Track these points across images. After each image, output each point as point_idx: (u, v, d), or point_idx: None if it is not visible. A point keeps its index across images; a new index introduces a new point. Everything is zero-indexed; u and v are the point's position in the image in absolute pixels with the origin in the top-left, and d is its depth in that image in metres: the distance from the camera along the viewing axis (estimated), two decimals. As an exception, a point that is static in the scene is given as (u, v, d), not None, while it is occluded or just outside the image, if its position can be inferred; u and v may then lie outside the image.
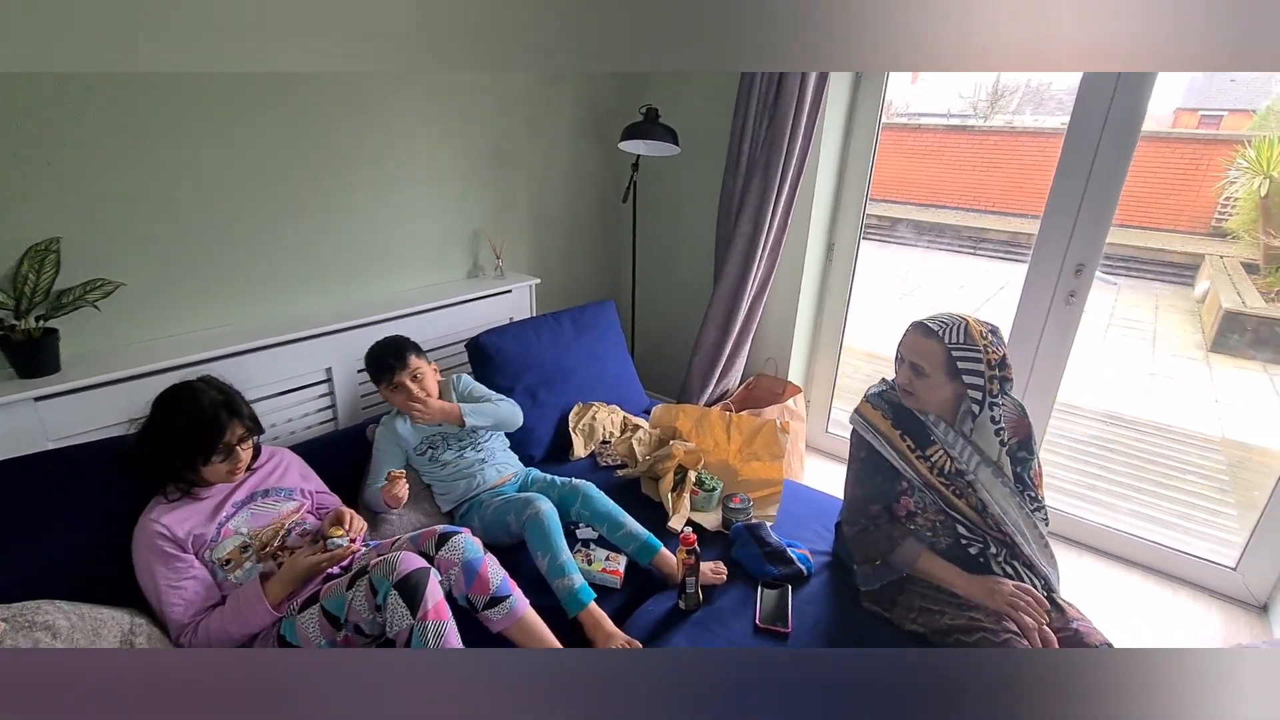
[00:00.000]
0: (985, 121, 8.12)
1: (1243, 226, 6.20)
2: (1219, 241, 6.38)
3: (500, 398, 1.85)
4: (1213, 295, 5.32)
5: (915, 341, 1.37)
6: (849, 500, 1.52)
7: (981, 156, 7.29)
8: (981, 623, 1.28)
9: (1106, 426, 3.44)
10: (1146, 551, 2.24)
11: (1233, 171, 6.37)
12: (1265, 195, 6.05)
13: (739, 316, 2.50)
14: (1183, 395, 4.08)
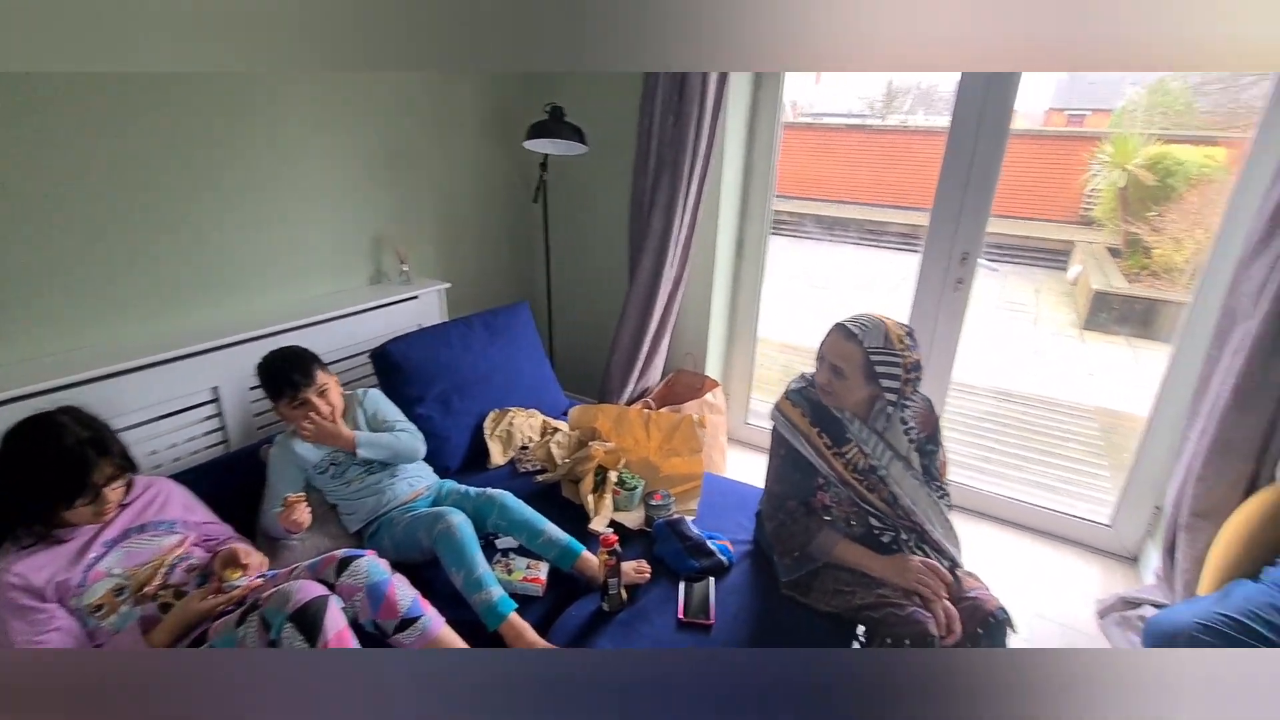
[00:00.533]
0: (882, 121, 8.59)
1: (1106, 215, 6.85)
2: (1087, 229, 7.03)
3: (404, 425, 1.75)
4: (1083, 278, 5.86)
5: (836, 344, 1.41)
6: (769, 495, 1.55)
7: (880, 154, 7.71)
8: (889, 599, 1.34)
9: (997, 402, 3.71)
10: (1035, 516, 2.43)
11: (1095, 165, 7.04)
12: (1123, 186, 6.71)
13: (655, 313, 2.51)
14: (1061, 370, 4.46)
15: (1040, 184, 7.48)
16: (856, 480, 1.45)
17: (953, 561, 1.47)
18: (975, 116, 2.09)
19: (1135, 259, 5.87)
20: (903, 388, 1.39)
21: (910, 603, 1.34)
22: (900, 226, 6.77)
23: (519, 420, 2.02)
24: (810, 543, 1.45)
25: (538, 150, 2.39)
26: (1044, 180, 7.52)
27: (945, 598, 1.35)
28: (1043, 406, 3.72)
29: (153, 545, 1.30)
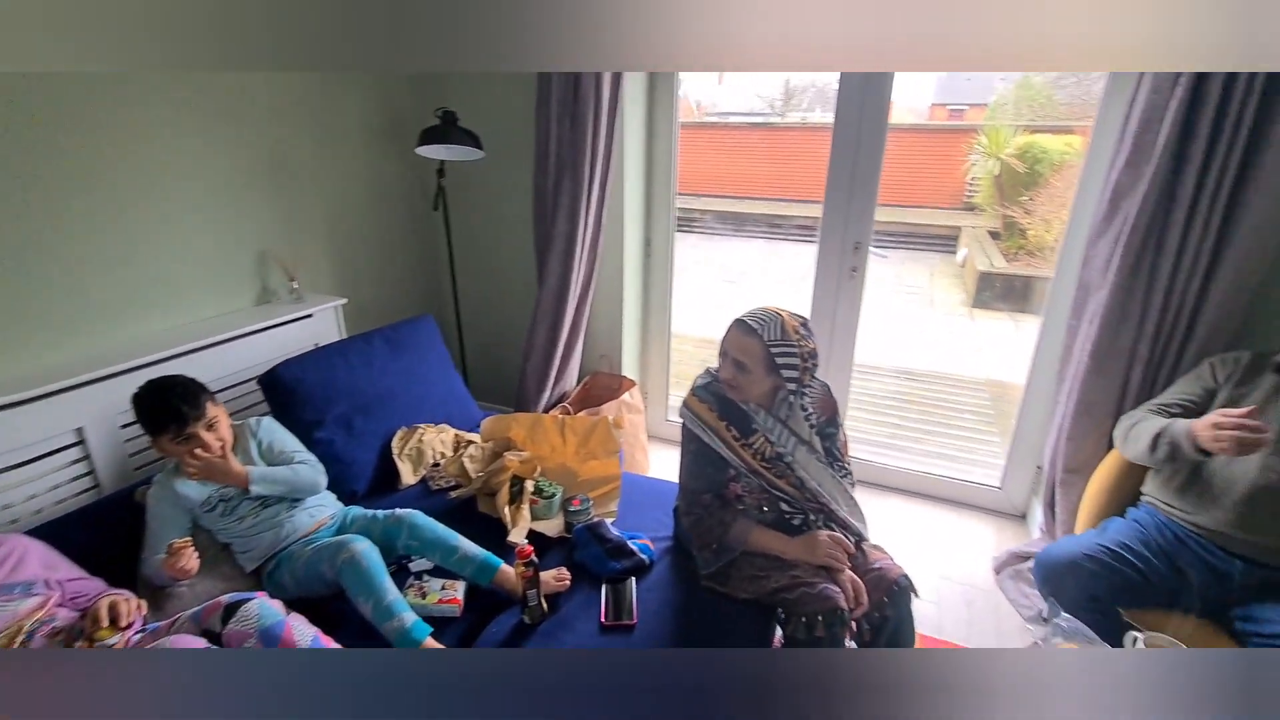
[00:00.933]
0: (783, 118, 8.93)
1: (985, 201, 7.41)
2: (970, 214, 7.58)
3: (303, 456, 1.65)
4: (970, 260, 6.31)
5: (737, 339, 1.44)
6: (683, 491, 1.57)
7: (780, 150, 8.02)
8: (802, 578, 1.39)
9: (899, 381, 3.94)
10: (936, 485, 2.59)
11: (973, 155, 7.59)
12: (998, 174, 7.28)
13: (567, 317, 2.49)
14: (955, 346, 4.79)
15: (927, 174, 8.00)
16: (765, 468, 1.49)
17: (858, 536, 1.54)
18: (856, 113, 2.21)
19: (1012, 240, 6.40)
20: (801, 376, 1.44)
21: (821, 579, 1.39)
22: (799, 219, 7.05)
23: (429, 437, 1.95)
24: (727, 534, 1.48)
25: (432, 156, 2.32)
26: (930, 171, 8.05)
27: (849, 569, 1.41)
28: (940, 382, 3.98)
29: (8, 610, 1.16)
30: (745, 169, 8.48)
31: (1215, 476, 1.41)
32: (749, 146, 8.90)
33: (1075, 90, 4.80)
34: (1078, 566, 1.46)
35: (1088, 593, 1.43)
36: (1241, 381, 1.46)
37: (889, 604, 1.42)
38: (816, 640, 1.31)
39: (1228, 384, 1.48)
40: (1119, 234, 1.74)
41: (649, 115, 2.55)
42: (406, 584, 1.48)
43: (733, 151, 8.77)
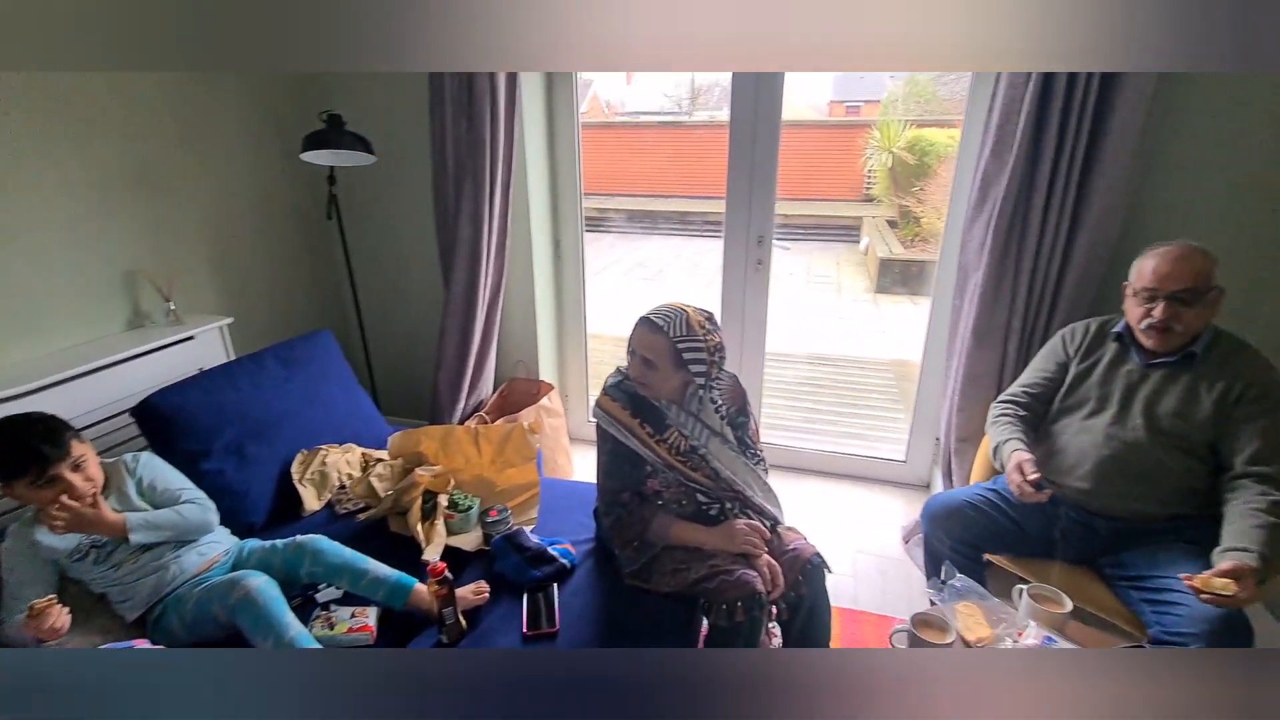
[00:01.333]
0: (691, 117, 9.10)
1: (882, 192, 7.84)
2: (870, 205, 8.00)
3: (191, 494, 1.51)
4: (871, 248, 6.66)
5: (644, 337, 1.45)
6: (602, 491, 1.57)
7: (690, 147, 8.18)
8: (720, 567, 1.42)
9: (812, 367, 4.11)
10: (850, 463, 2.72)
11: (868, 149, 8.00)
12: (891, 166, 7.70)
13: (478, 324, 2.43)
14: (862, 330, 5.03)
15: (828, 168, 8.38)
16: (680, 462, 1.51)
17: (774, 520, 1.59)
18: (751, 111, 2.28)
19: (908, 228, 6.81)
20: (709, 370, 1.47)
21: (740, 566, 1.42)
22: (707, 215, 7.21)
23: (333, 458, 1.85)
24: (647, 530, 1.49)
25: (317, 163, 2.20)
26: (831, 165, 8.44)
27: (765, 552, 1.46)
28: (849, 365, 4.18)
29: None
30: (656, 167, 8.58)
31: (1070, 449, 1.54)
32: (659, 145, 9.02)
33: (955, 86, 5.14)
34: (959, 512, 1.58)
35: (967, 538, 1.54)
36: (1088, 352, 1.59)
37: (804, 583, 1.48)
38: (738, 625, 1.34)
39: (1077, 356, 1.60)
40: (989, 219, 1.88)
41: (549, 115, 2.52)
42: (313, 616, 1.40)
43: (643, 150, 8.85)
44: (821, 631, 1.54)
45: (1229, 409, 1.36)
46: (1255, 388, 1.35)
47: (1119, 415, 1.46)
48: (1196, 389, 1.39)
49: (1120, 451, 1.46)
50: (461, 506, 1.70)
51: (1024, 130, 1.75)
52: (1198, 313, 1.34)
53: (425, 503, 1.70)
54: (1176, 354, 1.40)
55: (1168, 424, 1.41)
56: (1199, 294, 1.33)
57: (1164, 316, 1.35)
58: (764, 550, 1.47)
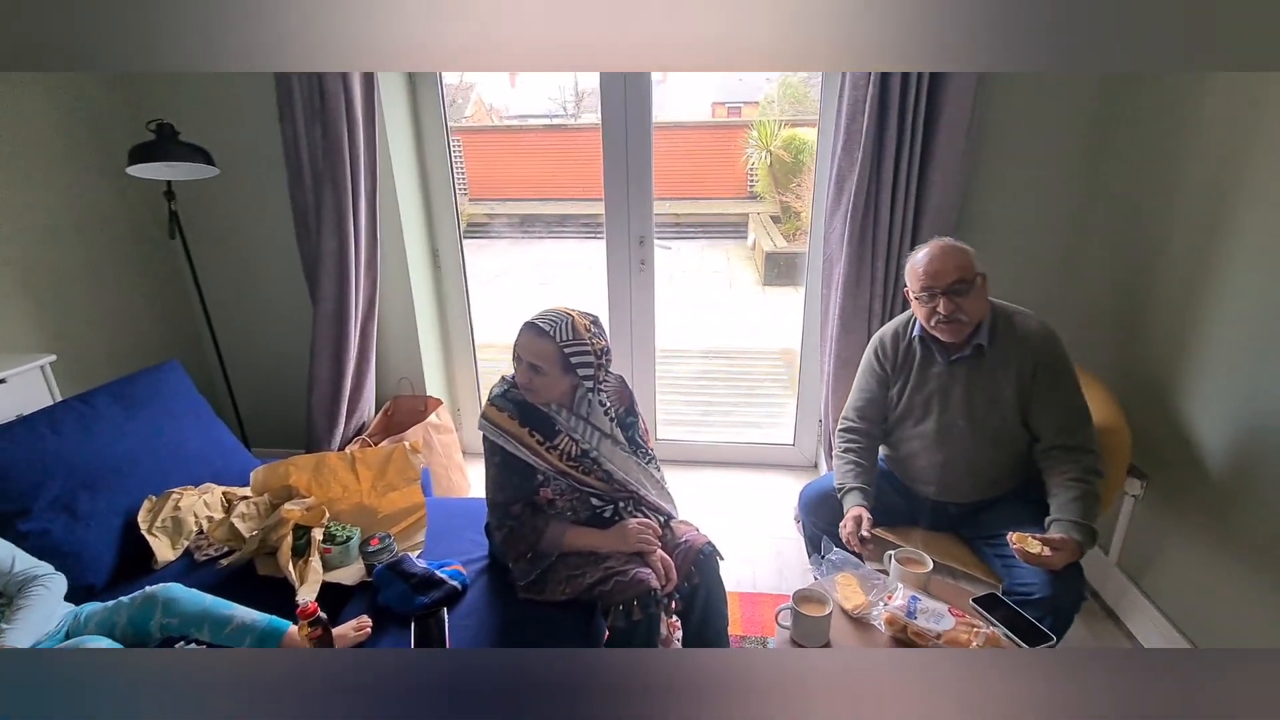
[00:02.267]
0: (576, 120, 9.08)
1: (764, 189, 8.20)
2: (754, 202, 8.35)
3: (37, 572, 1.32)
4: (758, 243, 6.95)
5: (530, 343, 1.42)
6: (492, 506, 1.52)
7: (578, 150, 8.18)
8: (615, 568, 1.42)
9: (706, 360, 4.22)
10: (744, 451, 2.82)
11: (748, 149, 8.34)
12: (770, 165, 8.07)
13: (351, 342, 2.29)
14: (753, 322, 5.24)
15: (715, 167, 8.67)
16: (572, 468, 1.50)
17: (667, 515, 1.61)
18: (621, 113, 2.30)
19: (790, 223, 7.17)
20: (597, 373, 1.46)
21: (634, 565, 1.43)
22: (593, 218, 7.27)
23: (188, 501, 1.67)
24: (540, 541, 1.46)
25: (148, 176, 1.98)
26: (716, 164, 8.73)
27: (659, 548, 1.48)
28: (741, 357, 4.34)
29: None
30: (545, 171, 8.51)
31: (913, 458, 1.65)
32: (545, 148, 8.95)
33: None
34: (830, 497, 1.67)
35: (837, 518, 1.64)
36: (900, 364, 1.66)
37: (697, 573, 1.50)
38: (635, 624, 1.35)
39: (892, 370, 1.67)
40: (846, 212, 2.00)
41: (415, 118, 2.42)
42: (167, 680, 1.25)
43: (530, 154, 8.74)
44: (718, 619, 1.57)
45: (1027, 388, 1.50)
46: (1043, 363, 1.49)
47: (941, 418, 1.58)
48: (996, 377, 1.52)
49: (952, 452, 1.59)
50: (339, 539, 1.59)
51: (869, 128, 1.88)
52: (973, 300, 1.47)
53: (298, 539, 1.58)
54: (969, 347, 1.53)
55: (983, 416, 1.54)
56: (969, 284, 1.46)
57: (949, 310, 1.46)
58: (657, 546, 1.49)
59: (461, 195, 2.46)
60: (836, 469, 1.69)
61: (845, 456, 1.69)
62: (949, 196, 1.95)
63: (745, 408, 3.55)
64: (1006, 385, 1.52)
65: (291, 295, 2.45)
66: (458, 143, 6.73)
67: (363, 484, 1.76)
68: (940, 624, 1.22)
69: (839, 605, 1.36)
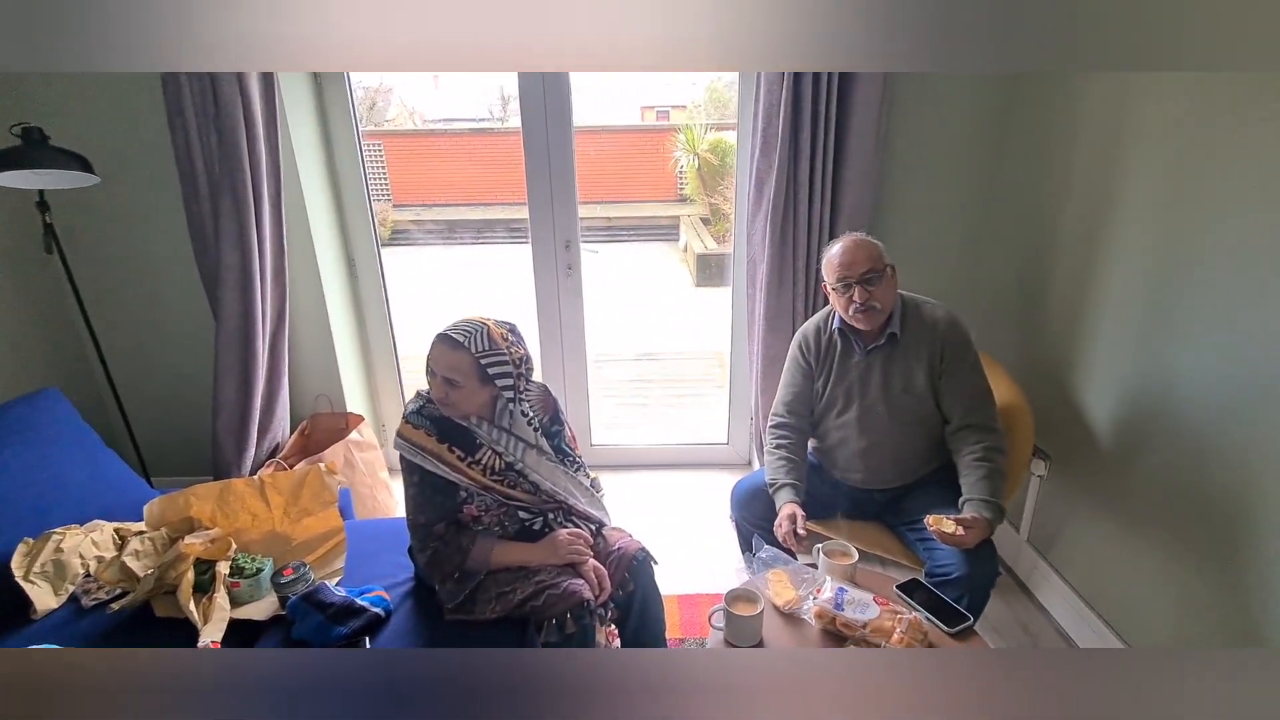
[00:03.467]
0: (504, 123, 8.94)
1: (694, 192, 8.31)
2: (685, 204, 8.45)
3: None
4: (690, 245, 7.03)
5: (444, 355, 1.36)
6: (414, 528, 1.46)
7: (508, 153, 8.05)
8: (545, 582, 1.38)
9: (641, 364, 4.23)
10: (680, 452, 2.83)
11: (677, 152, 8.43)
12: (699, 168, 8.18)
13: (260, 359, 2.15)
14: (688, 323, 5.29)
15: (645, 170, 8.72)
16: (497, 482, 1.45)
17: (598, 523, 1.59)
18: (540, 116, 2.26)
19: (719, 225, 7.30)
20: (516, 382, 1.42)
21: (565, 577, 1.40)
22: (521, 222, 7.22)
23: (72, 542, 1.52)
24: (467, 559, 1.41)
25: (13, 185, 1.79)
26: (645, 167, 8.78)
27: (591, 558, 1.45)
28: (676, 358, 4.37)
29: None
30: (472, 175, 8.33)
31: (838, 448, 1.71)
32: (472, 152, 8.75)
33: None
34: (761, 493, 1.70)
35: (771, 515, 1.67)
36: (822, 356, 1.71)
37: (631, 580, 1.49)
38: (569, 637, 1.32)
39: (815, 363, 1.72)
40: (766, 213, 2.04)
41: (323, 121, 2.30)
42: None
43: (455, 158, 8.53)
44: (655, 624, 1.56)
45: (937, 372, 1.58)
46: (950, 347, 1.57)
47: (862, 408, 1.64)
48: (909, 363, 1.59)
49: (874, 440, 1.65)
50: (248, 571, 1.48)
51: (784, 131, 1.92)
52: (885, 289, 1.54)
53: (201, 575, 1.46)
54: (883, 336, 1.60)
55: (901, 403, 1.61)
56: (879, 273, 1.53)
57: (863, 298, 1.53)
58: (589, 556, 1.46)
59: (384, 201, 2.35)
60: (768, 465, 1.72)
61: (776, 452, 1.71)
62: (863, 197, 2.02)
63: (680, 409, 3.58)
64: (919, 370, 1.59)
65: (190, 312, 2.28)
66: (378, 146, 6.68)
67: (274, 510, 1.65)
68: (866, 614, 1.25)
69: (770, 602, 1.37)
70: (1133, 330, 1.62)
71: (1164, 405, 1.53)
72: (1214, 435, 1.40)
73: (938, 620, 1.30)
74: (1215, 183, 1.36)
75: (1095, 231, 1.71)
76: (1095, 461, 1.76)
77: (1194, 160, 1.41)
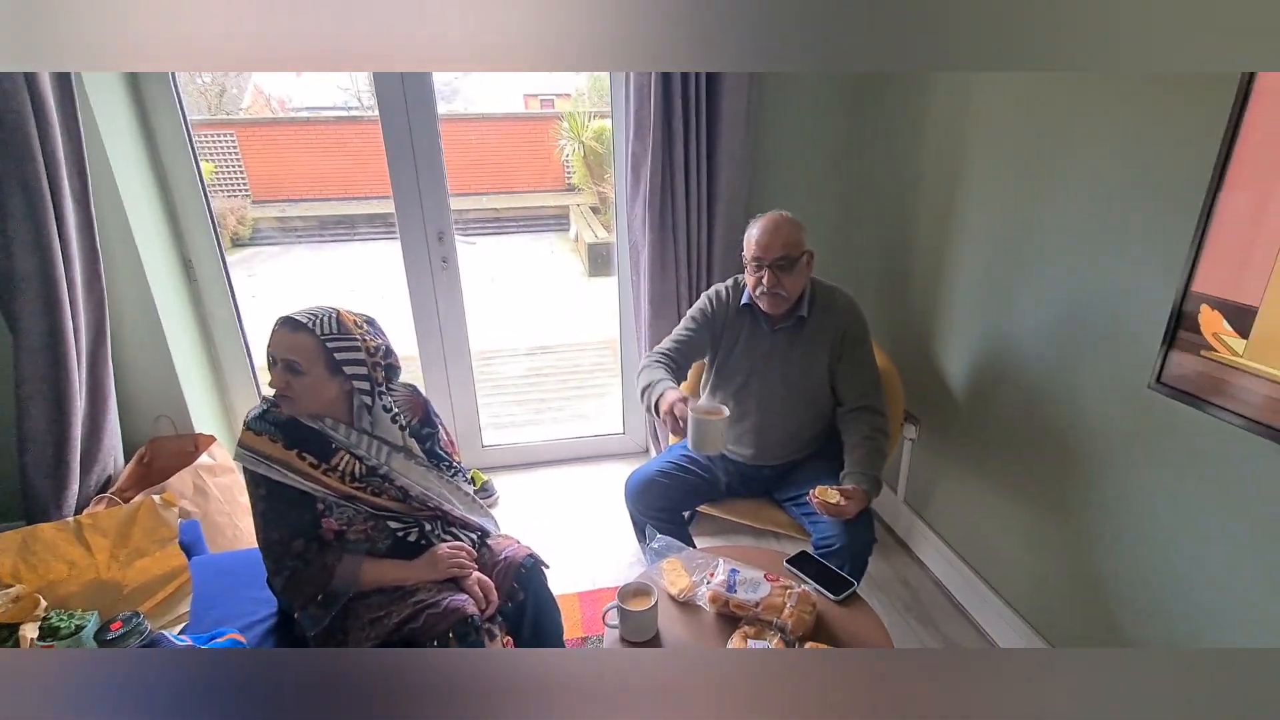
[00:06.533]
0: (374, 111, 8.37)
1: (581, 180, 8.21)
2: (573, 193, 8.33)
3: None
4: (580, 234, 6.94)
5: (285, 338, 1.20)
6: (267, 548, 1.29)
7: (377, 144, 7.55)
8: (425, 601, 1.28)
9: (534, 358, 4.11)
10: (577, 446, 2.77)
11: (562, 140, 8.29)
12: (584, 156, 8.09)
13: (76, 380, 1.84)
14: (579, 314, 5.22)
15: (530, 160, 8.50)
16: (359, 489, 1.32)
17: (481, 531, 1.50)
18: (400, 106, 2.10)
19: (608, 213, 7.24)
20: (373, 374, 1.30)
21: (447, 593, 1.30)
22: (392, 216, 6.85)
23: None
24: (331, 580, 1.27)
25: None
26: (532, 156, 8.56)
27: (474, 570, 1.36)
28: (570, 350, 4.29)
29: None
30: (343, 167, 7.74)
31: (737, 421, 1.71)
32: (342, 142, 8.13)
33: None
34: (653, 483, 1.69)
35: (664, 504, 1.67)
36: (730, 326, 1.69)
37: (520, 589, 1.42)
38: (456, 657, 1.23)
39: (722, 330, 1.69)
40: (644, 198, 2.01)
41: (141, 111, 2.01)
42: None
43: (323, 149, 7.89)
44: (552, 629, 1.50)
45: (836, 356, 1.64)
46: (850, 334, 1.64)
47: (763, 386, 1.67)
48: (812, 346, 1.64)
49: (769, 417, 1.68)
50: (64, 631, 1.26)
51: (656, 115, 1.90)
52: (795, 277, 1.56)
53: (3, 640, 1.23)
54: (792, 319, 1.63)
55: (799, 383, 1.65)
56: (793, 260, 1.55)
57: (771, 284, 1.54)
58: (473, 568, 1.37)
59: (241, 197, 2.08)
60: (641, 378, 1.63)
61: (653, 368, 1.63)
62: (738, 181, 2.04)
63: (577, 400, 3.52)
64: (821, 354, 1.63)
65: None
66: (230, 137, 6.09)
67: (98, 556, 1.42)
68: (758, 593, 1.26)
69: (665, 592, 1.35)
70: (982, 296, 1.75)
71: (1007, 363, 1.67)
72: (1047, 385, 1.54)
73: (826, 590, 1.34)
74: (1046, 165, 1.48)
75: (947, 211, 1.83)
76: (958, 422, 1.89)
77: (1028, 145, 1.53)
